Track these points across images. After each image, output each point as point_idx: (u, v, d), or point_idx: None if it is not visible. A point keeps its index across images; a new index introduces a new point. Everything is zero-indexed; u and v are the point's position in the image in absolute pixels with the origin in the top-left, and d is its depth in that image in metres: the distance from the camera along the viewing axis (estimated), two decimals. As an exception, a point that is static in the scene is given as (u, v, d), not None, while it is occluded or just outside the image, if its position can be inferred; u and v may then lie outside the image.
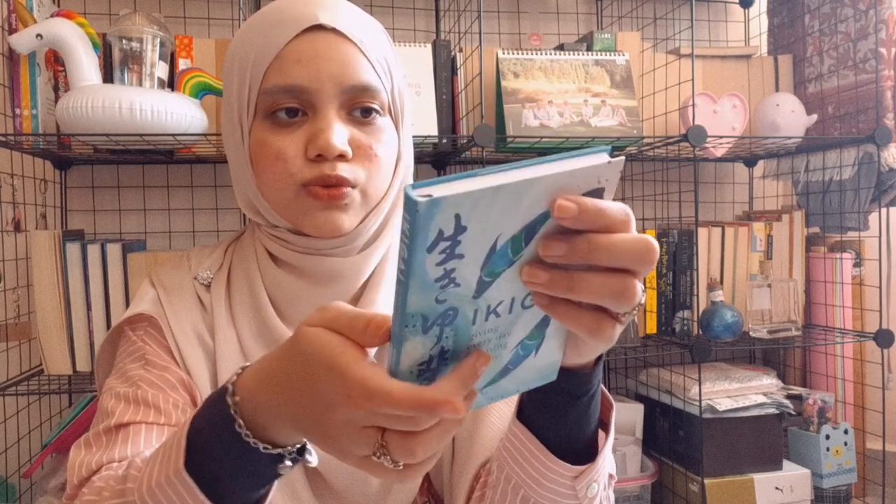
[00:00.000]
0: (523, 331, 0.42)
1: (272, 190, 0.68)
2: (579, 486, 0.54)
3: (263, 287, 0.71)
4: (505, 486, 0.58)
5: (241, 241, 0.77)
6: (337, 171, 0.64)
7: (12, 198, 1.43)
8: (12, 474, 1.46)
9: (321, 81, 0.64)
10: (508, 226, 0.35)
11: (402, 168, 0.73)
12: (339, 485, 0.69)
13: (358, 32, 0.66)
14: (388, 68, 0.69)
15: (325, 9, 0.66)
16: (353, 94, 0.66)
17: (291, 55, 0.64)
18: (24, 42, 1.18)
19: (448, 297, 0.37)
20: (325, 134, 0.64)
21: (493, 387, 0.44)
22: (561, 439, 0.54)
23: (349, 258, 0.70)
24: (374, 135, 0.67)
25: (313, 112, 0.65)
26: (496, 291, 0.38)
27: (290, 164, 0.65)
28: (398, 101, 0.71)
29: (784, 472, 1.51)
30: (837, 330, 1.64)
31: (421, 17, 1.73)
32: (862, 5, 1.56)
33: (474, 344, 0.40)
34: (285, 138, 0.65)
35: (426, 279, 0.35)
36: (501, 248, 0.36)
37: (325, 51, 0.64)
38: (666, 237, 1.59)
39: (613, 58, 1.52)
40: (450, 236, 0.34)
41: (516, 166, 0.35)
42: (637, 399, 1.67)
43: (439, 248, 0.34)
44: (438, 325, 0.38)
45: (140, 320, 0.72)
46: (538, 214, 0.36)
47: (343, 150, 0.64)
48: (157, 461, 0.49)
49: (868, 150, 1.57)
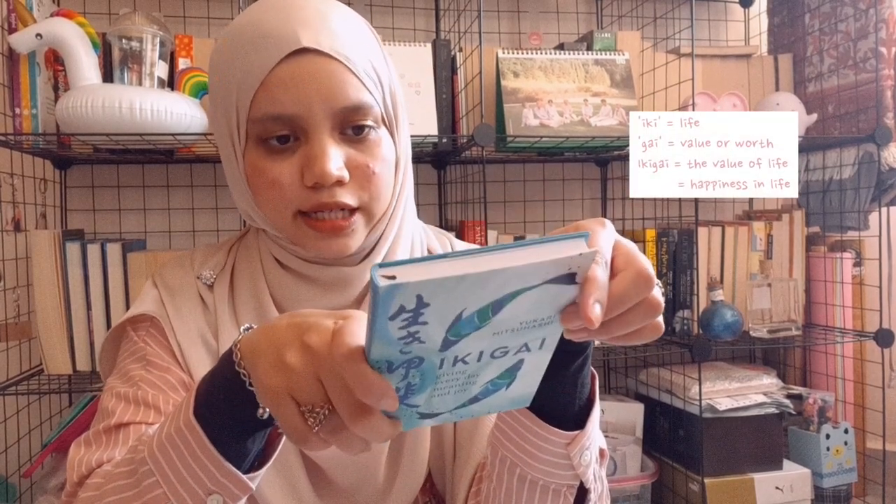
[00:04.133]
0: (494, 373, 0.43)
1: (270, 213, 0.67)
2: (573, 452, 0.55)
3: (267, 288, 0.71)
4: (501, 470, 0.59)
5: (245, 241, 0.77)
6: (336, 197, 0.63)
7: (12, 197, 1.43)
8: (12, 474, 1.46)
9: (310, 106, 0.62)
10: (473, 303, 0.37)
11: (401, 172, 0.71)
12: (342, 483, 0.69)
13: (342, 49, 0.63)
14: (377, 78, 0.66)
15: (307, 27, 0.62)
16: (344, 115, 0.64)
17: (276, 81, 0.62)
18: (23, 42, 1.18)
19: (413, 350, 0.38)
20: (321, 161, 0.62)
21: (463, 409, 0.46)
22: (553, 408, 0.55)
23: (353, 266, 0.70)
24: (370, 152, 0.65)
25: (306, 137, 0.64)
26: (463, 346, 0.39)
27: (287, 192, 0.64)
28: (391, 108, 0.69)
29: (784, 472, 1.51)
30: (837, 329, 1.64)
31: (421, 17, 1.73)
32: (862, 4, 1.56)
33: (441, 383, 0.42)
34: (280, 165, 0.64)
35: (389, 338, 0.37)
36: (467, 318, 0.37)
37: (311, 73, 0.62)
38: (666, 237, 1.59)
39: (613, 57, 1.52)
40: (412, 310, 0.35)
41: (488, 250, 0.36)
42: (637, 399, 1.67)
43: (401, 318, 0.36)
44: (404, 367, 0.40)
45: (142, 320, 0.72)
46: (506, 293, 0.37)
47: (339, 177, 0.63)
48: (168, 419, 0.52)
49: (868, 150, 1.57)
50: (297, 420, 0.43)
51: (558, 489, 0.57)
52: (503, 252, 0.36)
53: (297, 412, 0.43)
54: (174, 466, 0.50)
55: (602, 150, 1.59)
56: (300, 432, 0.44)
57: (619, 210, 1.80)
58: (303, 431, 0.44)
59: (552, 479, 0.57)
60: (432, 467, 0.72)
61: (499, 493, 0.60)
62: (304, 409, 0.43)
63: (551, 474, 0.56)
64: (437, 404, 0.44)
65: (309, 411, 0.43)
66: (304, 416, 0.43)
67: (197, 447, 0.49)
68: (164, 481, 0.50)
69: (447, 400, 0.43)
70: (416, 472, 0.71)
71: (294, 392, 0.43)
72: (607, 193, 1.82)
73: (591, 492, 0.58)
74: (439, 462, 0.73)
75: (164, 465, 0.50)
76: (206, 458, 0.49)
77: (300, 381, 0.43)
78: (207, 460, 0.49)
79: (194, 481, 0.50)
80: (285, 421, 0.44)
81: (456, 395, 0.43)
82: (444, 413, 0.45)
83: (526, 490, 0.58)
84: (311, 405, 0.43)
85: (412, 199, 0.77)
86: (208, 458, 0.49)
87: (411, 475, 0.70)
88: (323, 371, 0.42)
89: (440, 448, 0.72)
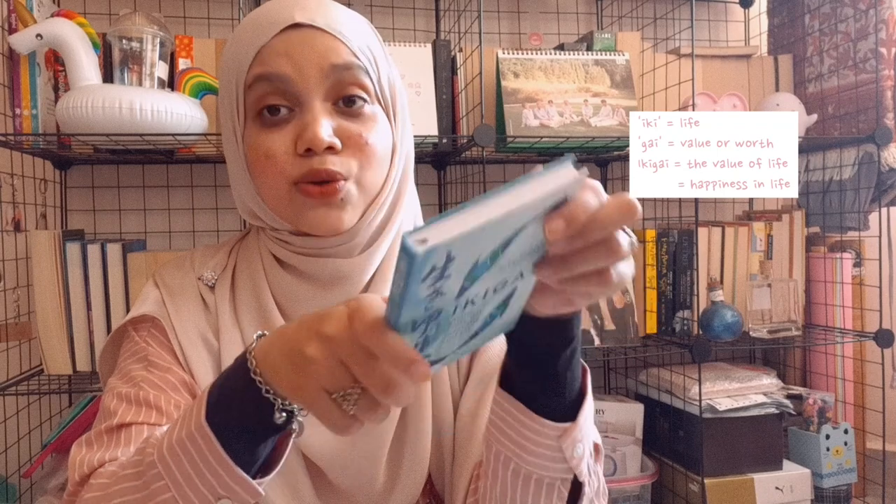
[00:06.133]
0: (492, 306, 0.45)
1: (267, 191, 0.68)
2: (565, 444, 0.55)
3: (268, 288, 0.72)
4: (496, 465, 0.59)
5: (246, 242, 0.77)
6: (327, 164, 0.64)
7: (12, 198, 1.43)
8: (12, 474, 1.46)
9: (302, 69, 0.64)
10: (489, 246, 0.39)
11: (399, 159, 0.72)
12: (343, 485, 0.69)
13: (337, 25, 0.66)
14: (371, 56, 0.69)
15: (303, 9, 0.66)
16: (335, 79, 0.65)
17: (270, 50, 0.65)
18: (24, 42, 1.18)
19: (434, 304, 0.40)
20: (312, 127, 0.64)
21: (466, 346, 0.47)
22: (545, 401, 0.55)
23: (352, 259, 0.70)
24: (363, 124, 0.67)
25: (299, 107, 0.66)
26: (475, 289, 0.41)
27: (281, 162, 0.65)
28: (388, 90, 0.70)
29: (784, 472, 1.51)
30: (837, 330, 1.64)
31: (421, 17, 1.73)
32: (862, 5, 1.57)
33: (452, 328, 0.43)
34: (274, 136, 0.66)
35: (418, 300, 0.38)
36: (482, 262, 0.39)
37: (303, 43, 0.65)
38: (666, 237, 1.59)
39: (613, 58, 1.52)
40: (440, 268, 0.37)
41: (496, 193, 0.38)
42: (637, 399, 1.67)
43: (431, 278, 0.37)
44: (424, 323, 0.41)
45: (143, 321, 0.72)
46: (515, 230, 0.39)
47: (331, 142, 0.64)
48: (178, 423, 0.52)
49: (868, 150, 1.57)
50: (334, 410, 0.44)
51: (552, 483, 0.57)
52: (510, 192, 0.38)
53: (333, 403, 0.44)
54: (184, 470, 0.50)
55: (602, 151, 1.59)
56: (341, 421, 0.45)
57: (619, 210, 1.79)
58: (343, 419, 0.45)
59: (545, 473, 0.57)
60: (432, 468, 0.72)
61: (494, 489, 0.60)
62: (335, 397, 0.44)
63: (544, 467, 0.56)
64: (445, 349, 0.45)
65: (342, 397, 0.44)
66: (339, 404, 0.44)
67: (208, 452, 0.49)
68: (173, 485, 0.50)
69: (454, 342, 0.45)
70: (418, 474, 0.71)
71: (323, 383, 0.44)
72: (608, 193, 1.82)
73: (585, 485, 0.58)
74: (438, 463, 0.73)
75: (173, 468, 0.50)
76: (216, 464, 0.49)
77: (326, 370, 0.44)
78: (218, 465, 0.49)
79: (204, 486, 0.50)
80: (324, 414, 0.45)
81: (461, 335, 0.45)
82: (450, 354, 0.46)
83: (520, 484, 0.58)
84: (342, 390, 0.44)
85: (416, 198, 0.78)
86: (219, 464, 0.49)
87: (412, 477, 0.70)
88: (345, 353, 0.43)
89: (439, 449, 0.72)
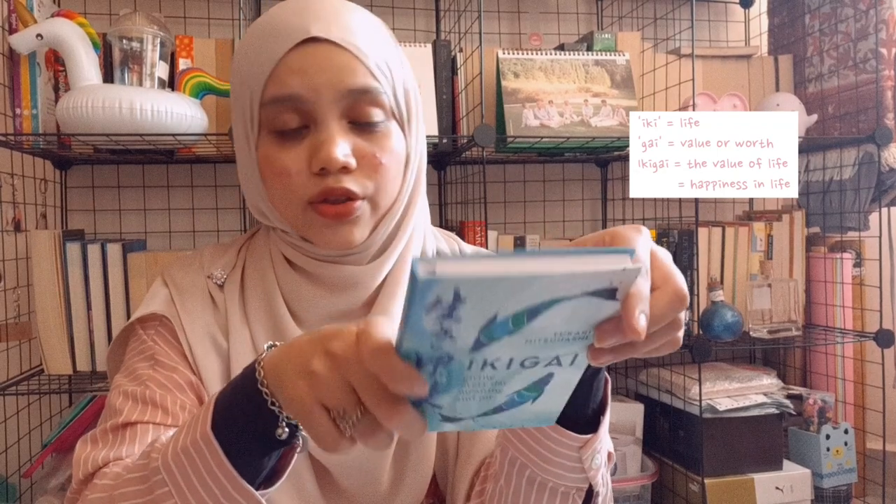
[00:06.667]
0: (521, 384, 0.42)
1: (280, 203, 0.68)
2: (585, 455, 0.55)
3: (278, 289, 0.71)
4: (510, 471, 0.59)
5: (255, 241, 0.77)
6: (342, 183, 0.64)
7: (12, 198, 1.43)
8: (12, 474, 1.46)
9: (318, 90, 0.64)
10: (510, 306, 0.36)
11: (412, 170, 0.72)
12: (348, 485, 0.69)
13: (352, 39, 0.65)
14: (388, 70, 0.67)
15: (318, 19, 0.64)
16: (352, 100, 0.65)
17: (286, 67, 0.64)
18: (24, 42, 1.18)
19: (444, 346, 0.38)
20: (327, 147, 0.63)
21: (486, 418, 0.45)
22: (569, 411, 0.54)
23: (363, 266, 0.70)
24: (378, 143, 0.66)
25: (315, 125, 0.65)
26: (494, 350, 0.39)
27: (295, 180, 0.65)
28: (402, 102, 0.69)
29: (784, 472, 1.51)
30: (837, 330, 1.64)
31: (421, 17, 1.73)
32: (862, 5, 1.57)
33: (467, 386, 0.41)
34: (289, 153, 0.65)
35: (422, 330, 0.37)
36: (502, 321, 0.37)
37: (319, 61, 0.64)
38: (666, 237, 1.59)
39: (613, 58, 1.52)
40: (448, 304, 0.35)
41: (531, 254, 0.35)
42: (637, 399, 1.67)
43: (437, 311, 0.36)
44: (432, 363, 0.39)
45: (152, 319, 0.72)
46: (543, 301, 0.37)
47: (346, 163, 0.64)
48: (184, 429, 0.51)
49: (868, 150, 1.57)
50: (328, 428, 0.44)
51: (567, 492, 0.57)
52: (545, 258, 0.35)
53: (329, 419, 0.44)
54: (188, 479, 0.50)
55: (602, 151, 1.59)
56: (333, 439, 0.44)
57: (620, 210, 1.80)
58: (335, 438, 0.44)
59: (562, 482, 0.57)
60: (436, 468, 0.72)
61: (506, 494, 0.60)
62: (334, 415, 0.44)
63: (562, 476, 0.56)
64: (460, 409, 0.43)
65: (340, 416, 0.44)
66: (336, 423, 0.44)
67: (213, 461, 0.49)
68: (176, 492, 0.50)
69: (471, 405, 0.43)
70: (422, 475, 0.71)
71: (323, 398, 0.43)
72: (607, 194, 1.82)
73: (598, 495, 0.58)
74: (442, 462, 0.73)
75: (177, 476, 0.50)
76: (221, 473, 0.49)
77: (328, 387, 0.43)
78: (222, 475, 0.49)
79: (207, 495, 0.49)
80: (316, 429, 0.44)
81: (480, 401, 0.43)
82: (467, 419, 0.44)
83: (535, 492, 0.58)
84: (341, 409, 0.43)
85: (426, 202, 0.77)
86: (223, 474, 0.49)
87: (417, 477, 0.70)
88: (351, 372, 0.42)
89: (443, 448, 0.72)
